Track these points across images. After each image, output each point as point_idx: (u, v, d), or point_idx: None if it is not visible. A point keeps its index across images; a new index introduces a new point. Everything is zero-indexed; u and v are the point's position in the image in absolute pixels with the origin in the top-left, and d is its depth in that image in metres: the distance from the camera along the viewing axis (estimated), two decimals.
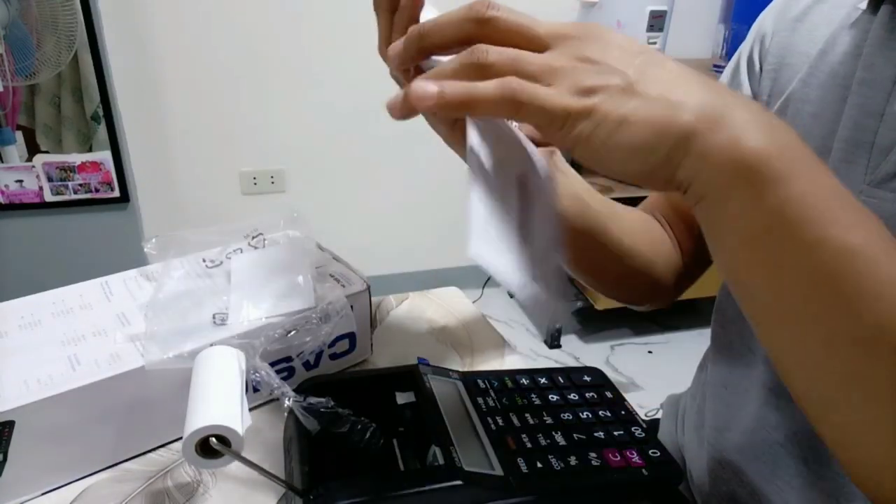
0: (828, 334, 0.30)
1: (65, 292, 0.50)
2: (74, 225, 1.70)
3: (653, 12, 1.70)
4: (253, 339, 0.43)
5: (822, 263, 0.29)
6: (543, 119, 0.30)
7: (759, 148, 0.29)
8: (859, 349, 0.29)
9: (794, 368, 0.32)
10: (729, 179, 0.29)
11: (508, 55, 0.30)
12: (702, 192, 0.31)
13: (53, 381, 0.40)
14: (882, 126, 0.40)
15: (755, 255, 0.31)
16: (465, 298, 0.68)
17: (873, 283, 0.28)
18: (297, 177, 2.00)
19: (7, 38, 1.46)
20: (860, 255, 0.28)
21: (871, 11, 0.42)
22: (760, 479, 0.48)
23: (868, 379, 0.29)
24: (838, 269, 0.29)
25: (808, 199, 0.29)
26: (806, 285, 0.29)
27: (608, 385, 0.49)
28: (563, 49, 0.31)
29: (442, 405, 0.42)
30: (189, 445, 0.35)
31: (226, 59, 1.79)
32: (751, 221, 0.30)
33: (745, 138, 0.29)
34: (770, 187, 0.29)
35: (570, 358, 2.00)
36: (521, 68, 0.30)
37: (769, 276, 0.31)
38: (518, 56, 0.30)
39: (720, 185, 0.30)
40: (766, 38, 0.51)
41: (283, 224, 0.57)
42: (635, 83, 0.29)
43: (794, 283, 0.30)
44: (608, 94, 0.29)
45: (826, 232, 0.28)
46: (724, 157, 0.29)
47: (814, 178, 0.29)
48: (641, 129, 0.29)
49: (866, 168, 0.40)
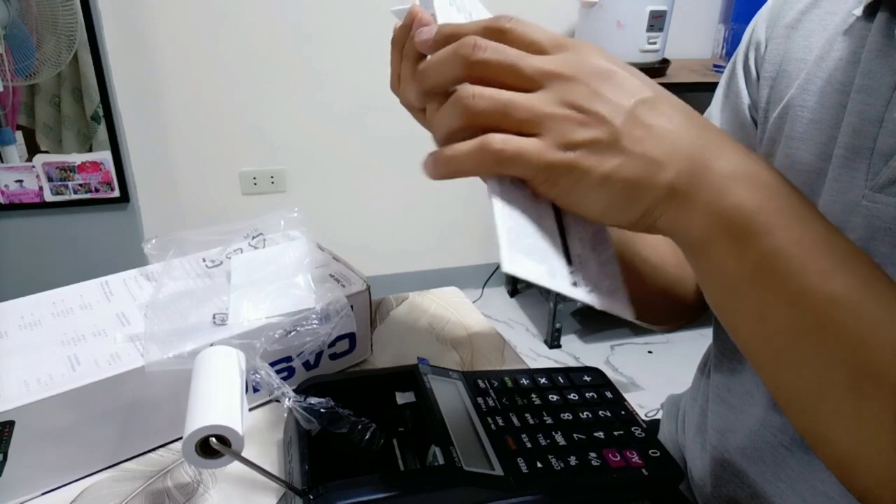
0: (813, 379, 0.30)
1: (65, 292, 0.50)
2: (74, 225, 1.70)
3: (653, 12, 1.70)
4: (253, 339, 0.43)
5: (803, 314, 0.29)
6: (526, 173, 0.31)
7: (741, 204, 0.29)
8: (846, 393, 0.29)
9: (784, 404, 0.33)
10: (710, 235, 0.30)
11: (495, 103, 0.30)
12: (684, 243, 0.31)
13: (53, 381, 0.40)
14: (882, 132, 0.39)
15: (739, 304, 0.31)
16: (465, 298, 0.68)
17: (855, 331, 0.29)
18: (297, 177, 2.00)
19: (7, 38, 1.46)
20: (842, 304, 0.29)
21: (867, 18, 0.42)
22: (763, 482, 0.48)
23: (857, 419, 0.30)
24: (820, 320, 0.29)
25: (790, 250, 0.29)
26: (789, 334, 0.30)
27: (608, 385, 0.49)
28: (554, 91, 0.30)
29: (442, 405, 0.42)
30: (189, 445, 0.35)
31: (226, 59, 1.79)
32: (733, 273, 0.30)
33: (726, 195, 0.29)
34: (752, 241, 0.29)
35: (570, 358, 2.00)
36: (509, 116, 0.30)
37: (753, 323, 0.31)
38: (506, 104, 0.30)
39: (701, 239, 0.30)
40: (760, 46, 0.51)
41: (283, 224, 0.57)
42: (620, 138, 0.29)
43: (777, 331, 0.30)
44: (591, 151, 0.29)
45: (808, 282, 0.29)
46: (704, 214, 0.30)
47: (797, 227, 0.30)
48: (621, 187, 0.30)
49: (867, 174, 0.40)
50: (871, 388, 0.29)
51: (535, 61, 0.31)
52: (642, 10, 1.69)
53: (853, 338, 0.29)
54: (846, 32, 0.43)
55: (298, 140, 1.94)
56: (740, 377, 0.51)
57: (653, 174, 0.30)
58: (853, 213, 0.40)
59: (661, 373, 1.91)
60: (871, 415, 0.29)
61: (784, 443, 0.46)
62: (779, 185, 0.30)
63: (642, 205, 0.30)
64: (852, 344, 0.29)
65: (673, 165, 0.30)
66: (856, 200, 0.40)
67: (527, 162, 0.30)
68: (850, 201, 0.41)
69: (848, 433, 0.30)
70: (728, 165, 0.30)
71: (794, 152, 0.45)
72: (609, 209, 0.31)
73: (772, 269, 0.29)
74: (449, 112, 0.31)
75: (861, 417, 0.29)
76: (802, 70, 0.46)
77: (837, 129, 0.42)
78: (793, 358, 0.31)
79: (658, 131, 0.30)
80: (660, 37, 1.74)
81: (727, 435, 0.52)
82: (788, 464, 0.46)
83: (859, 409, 0.29)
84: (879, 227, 0.39)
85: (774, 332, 0.31)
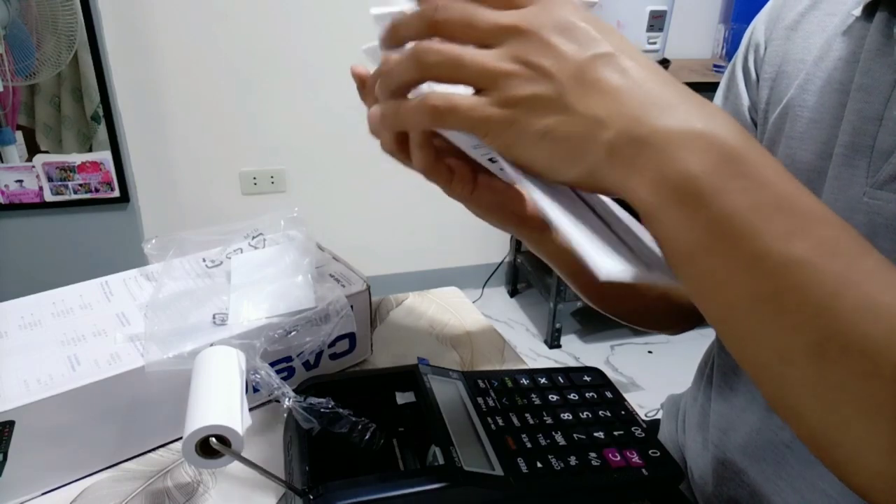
0: (778, 348, 0.29)
1: (65, 292, 0.50)
2: (74, 225, 1.70)
3: (653, 12, 1.70)
4: (253, 339, 0.43)
5: (761, 280, 0.28)
6: (467, 128, 0.30)
7: (687, 168, 0.27)
8: (809, 359, 0.28)
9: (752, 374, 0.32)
10: (657, 200, 0.28)
11: (445, 57, 0.30)
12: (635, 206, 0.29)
13: (53, 381, 0.40)
14: (881, 130, 0.40)
15: (695, 272, 0.29)
16: (465, 298, 0.68)
17: (816, 295, 0.27)
18: (297, 177, 2.00)
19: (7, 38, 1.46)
20: (802, 267, 0.27)
21: (866, 18, 0.42)
22: (764, 480, 0.48)
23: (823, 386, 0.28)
24: (778, 285, 0.27)
25: (744, 215, 0.27)
26: (748, 302, 0.28)
27: (608, 385, 0.49)
28: (508, 46, 0.30)
29: (442, 405, 0.42)
30: (189, 445, 0.35)
31: (226, 59, 1.79)
32: (686, 241, 0.29)
33: (671, 158, 0.27)
34: (702, 205, 0.27)
35: (570, 358, 2.00)
36: (459, 71, 0.30)
37: (712, 292, 0.30)
38: (455, 59, 0.30)
39: (649, 204, 0.28)
40: (759, 48, 0.51)
41: (283, 224, 0.57)
42: (564, 93, 0.28)
43: (736, 299, 0.29)
44: (531, 106, 0.29)
45: (766, 245, 0.27)
46: (649, 178, 0.28)
47: (754, 189, 0.27)
48: (560, 145, 0.29)
49: (867, 171, 0.40)
50: (836, 352, 0.27)
51: (492, 16, 0.30)
52: (642, 9, 1.69)
53: (815, 302, 0.27)
54: (845, 33, 0.44)
55: (298, 140, 1.94)
56: (741, 375, 0.52)
57: (592, 133, 0.28)
58: (854, 210, 0.41)
59: (661, 373, 1.91)
60: (836, 381, 0.28)
61: (785, 440, 0.46)
62: (741, 146, 0.28)
63: (584, 164, 0.29)
64: (814, 308, 0.27)
65: (614, 124, 0.28)
66: (857, 198, 0.40)
67: (462, 117, 0.30)
68: (850, 199, 0.41)
69: (816, 403, 0.29)
70: (678, 125, 0.28)
71: (794, 152, 0.45)
72: (553, 166, 0.30)
73: (724, 235, 0.27)
74: (403, 65, 0.31)
75: (827, 384, 0.28)
76: (802, 70, 0.46)
77: (837, 128, 0.42)
78: (754, 326, 0.29)
79: (605, 87, 0.28)
80: (660, 37, 1.74)
81: (728, 433, 0.52)
82: (789, 462, 0.46)
83: (824, 375, 0.28)
84: (881, 224, 0.39)
85: (734, 300, 0.29)
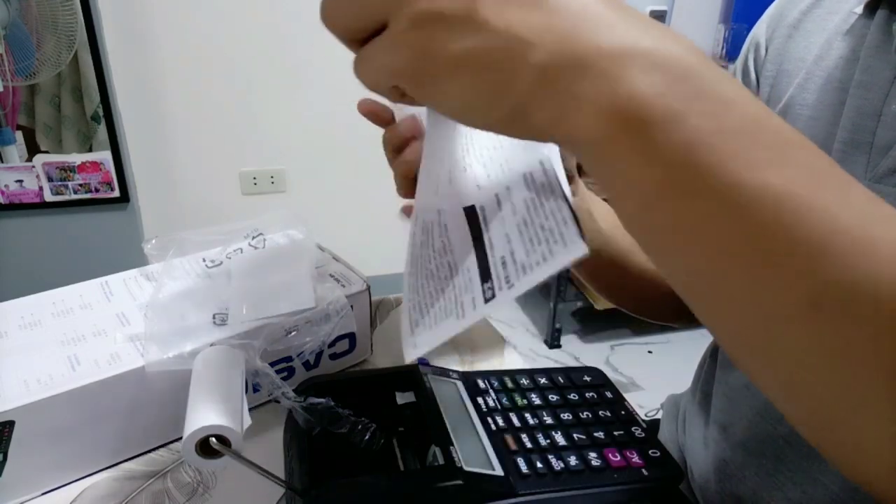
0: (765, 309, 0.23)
1: (65, 292, 0.50)
2: (74, 225, 1.70)
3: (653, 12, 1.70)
4: (253, 339, 0.43)
5: (738, 218, 0.22)
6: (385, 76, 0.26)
7: (636, 90, 0.22)
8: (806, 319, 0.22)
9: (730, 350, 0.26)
10: (603, 134, 0.23)
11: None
12: (576, 149, 0.24)
13: (53, 381, 0.40)
14: (880, 126, 0.40)
15: (658, 221, 0.24)
16: None
17: (807, 234, 0.22)
18: (297, 177, 2.00)
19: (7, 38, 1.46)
20: (787, 201, 0.22)
21: (868, 16, 0.43)
22: (765, 475, 0.48)
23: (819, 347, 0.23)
24: (759, 224, 0.22)
25: (710, 139, 0.22)
26: (724, 251, 0.23)
27: (608, 385, 0.49)
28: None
29: (442, 405, 0.42)
30: (189, 445, 0.35)
31: (226, 59, 1.79)
32: (643, 180, 0.23)
33: (617, 79, 0.22)
34: (658, 133, 0.22)
35: (570, 358, 2.00)
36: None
37: (680, 245, 0.24)
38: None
39: (595, 140, 0.23)
40: (760, 48, 0.52)
41: (283, 224, 0.57)
42: (479, 9, 0.23)
43: (709, 250, 0.23)
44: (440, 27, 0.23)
45: (738, 176, 0.22)
46: (591, 106, 0.23)
47: (719, 112, 0.22)
48: (479, 72, 0.24)
49: (866, 167, 0.41)
50: (831, 306, 0.22)
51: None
52: (642, 10, 1.70)
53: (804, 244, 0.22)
54: (846, 32, 0.44)
55: (298, 140, 1.94)
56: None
57: (516, 55, 0.23)
58: None
59: (661, 373, 1.91)
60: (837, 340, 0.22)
61: (784, 435, 0.47)
62: (697, 63, 0.23)
63: (510, 96, 0.24)
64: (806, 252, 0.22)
65: (544, 44, 0.23)
66: None
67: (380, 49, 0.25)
68: None
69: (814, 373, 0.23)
70: (623, 41, 0.23)
71: None
72: (473, 103, 0.25)
73: (687, 168, 0.22)
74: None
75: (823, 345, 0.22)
76: (802, 69, 0.47)
77: (836, 125, 0.43)
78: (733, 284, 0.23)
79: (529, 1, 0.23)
80: None
81: (728, 430, 0.52)
82: (788, 456, 0.46)
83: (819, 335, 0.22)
84: None
85: (706, 250, 0.23)
